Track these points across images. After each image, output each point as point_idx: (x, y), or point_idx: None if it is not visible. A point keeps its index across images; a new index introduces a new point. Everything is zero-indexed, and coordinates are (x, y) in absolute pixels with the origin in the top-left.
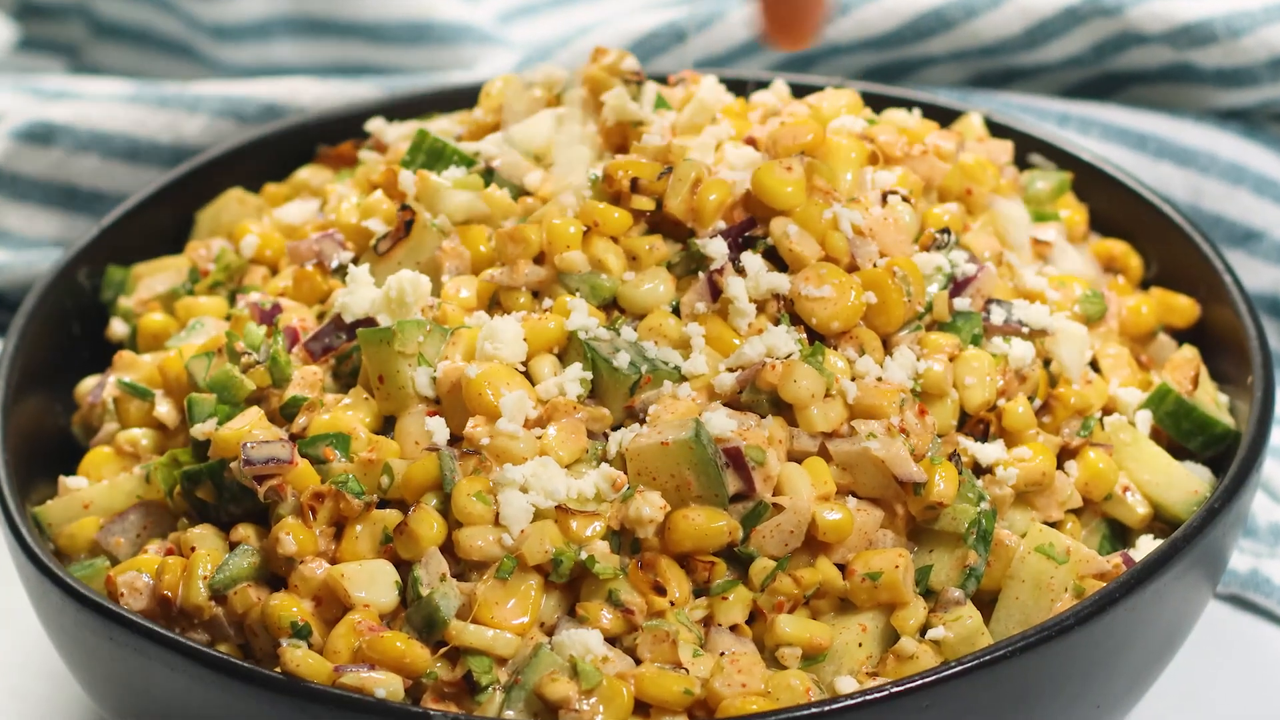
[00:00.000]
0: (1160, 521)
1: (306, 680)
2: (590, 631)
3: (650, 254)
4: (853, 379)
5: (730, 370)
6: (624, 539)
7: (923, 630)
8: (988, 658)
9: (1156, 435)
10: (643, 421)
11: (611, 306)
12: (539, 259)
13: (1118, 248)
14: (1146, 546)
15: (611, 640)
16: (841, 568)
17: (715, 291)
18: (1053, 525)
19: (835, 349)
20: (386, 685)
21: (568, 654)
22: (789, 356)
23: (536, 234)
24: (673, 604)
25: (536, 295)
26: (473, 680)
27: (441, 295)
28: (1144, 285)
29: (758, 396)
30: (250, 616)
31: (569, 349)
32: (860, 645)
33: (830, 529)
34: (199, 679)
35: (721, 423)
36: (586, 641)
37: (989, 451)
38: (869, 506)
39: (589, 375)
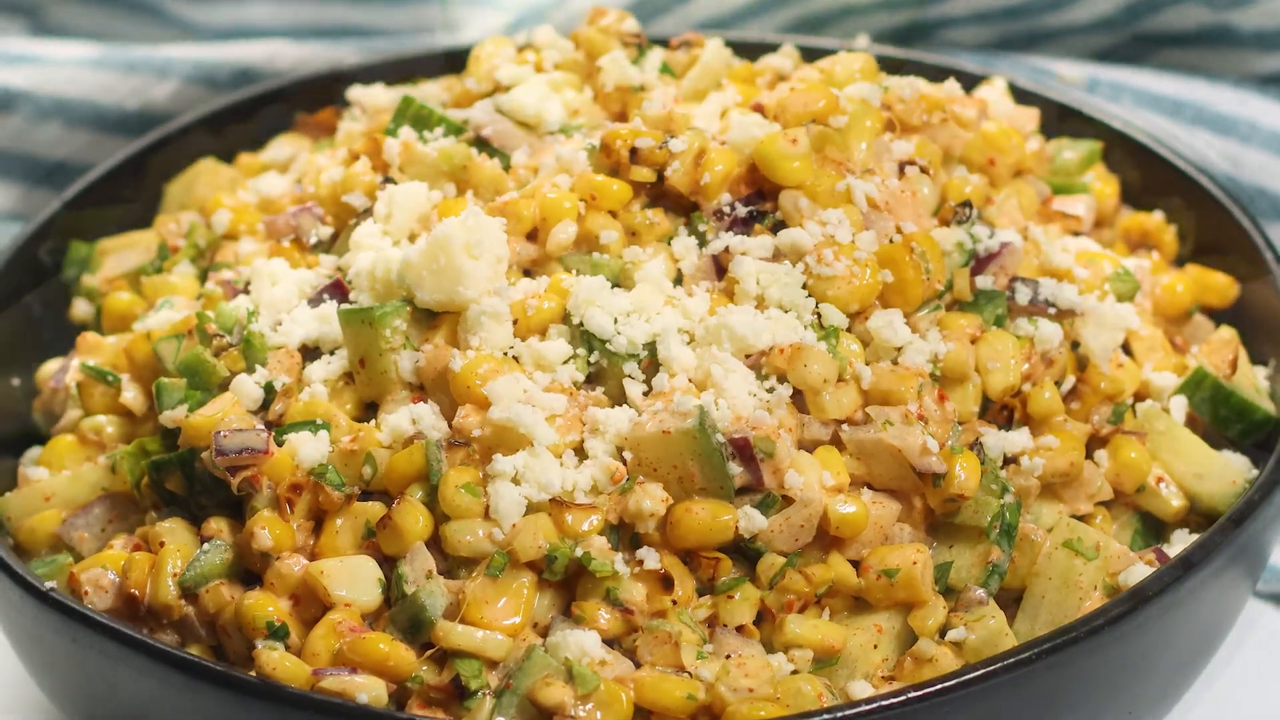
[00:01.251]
0: (1196, 514)
1: (284, 684)
2: (587, 633)
3: (651, 229)
4: (867, 363)
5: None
6: (623, 534)
7: (942, 631)
8: (1011, 661)
9: (1192, 422)
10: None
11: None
12: (532, 235)
13: (1150, 222)
14: (1182, 541)
15: (610, 642)
16: (856, 564)
17: (720, 270)
18: (1081, 519)
19: (849, 330)
20: (369, 690)
21: (563, 656)
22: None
23: (529, 208)
24: (675, 603)
25: (528, 274)
26: (461, 684)
27: None
28: (1179, 262)
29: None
30: (223, 616)
31: (569, 333)
32: (875, 647)
33: (843, 523)
34: (169, 683)
35: (728, 410)
36: (583, 643)
37: (1014, 440)
38: (885, 499)
39: (587, 356)
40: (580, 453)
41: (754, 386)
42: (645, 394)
